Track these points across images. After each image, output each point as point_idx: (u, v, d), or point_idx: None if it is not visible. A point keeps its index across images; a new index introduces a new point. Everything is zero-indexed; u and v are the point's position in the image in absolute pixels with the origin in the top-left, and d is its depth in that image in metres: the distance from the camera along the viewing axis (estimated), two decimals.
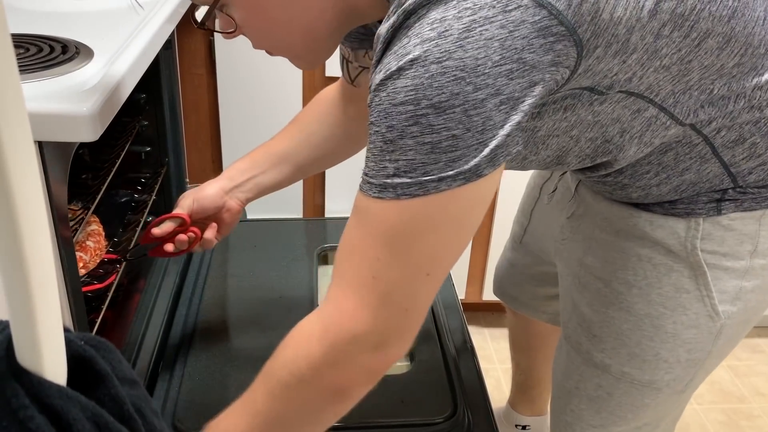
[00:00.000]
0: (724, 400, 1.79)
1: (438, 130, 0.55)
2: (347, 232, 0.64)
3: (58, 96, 0.72)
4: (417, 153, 0.56)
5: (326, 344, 0.63)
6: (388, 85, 0.56)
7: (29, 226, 0.31)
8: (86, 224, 1.12)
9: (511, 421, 1.47)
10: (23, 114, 0.29)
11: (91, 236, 1.10)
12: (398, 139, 0.56)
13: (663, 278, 0.79)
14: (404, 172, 0.57)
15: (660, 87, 0.64)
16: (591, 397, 0.90)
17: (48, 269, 0.32)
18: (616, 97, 0.64)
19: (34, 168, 0.31)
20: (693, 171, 0.73)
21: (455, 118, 0.55)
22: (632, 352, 0.84)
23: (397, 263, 0.61)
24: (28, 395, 0.32)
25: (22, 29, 0.91)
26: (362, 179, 0.62)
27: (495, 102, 0.55)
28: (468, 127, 0.55)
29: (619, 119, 0.67)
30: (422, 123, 0.55)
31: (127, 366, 0.40)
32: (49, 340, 0.33)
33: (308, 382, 0.65)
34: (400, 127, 0.56)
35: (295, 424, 0.68)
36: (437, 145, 0.56)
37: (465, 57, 0.54)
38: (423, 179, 0.57)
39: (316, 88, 1.58)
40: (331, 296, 0.64)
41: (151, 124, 1.29)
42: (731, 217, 0.76)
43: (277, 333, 1.11)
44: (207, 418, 0.95)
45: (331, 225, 1.51)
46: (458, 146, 0.56)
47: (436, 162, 0.56)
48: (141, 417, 0.39)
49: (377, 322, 0.62)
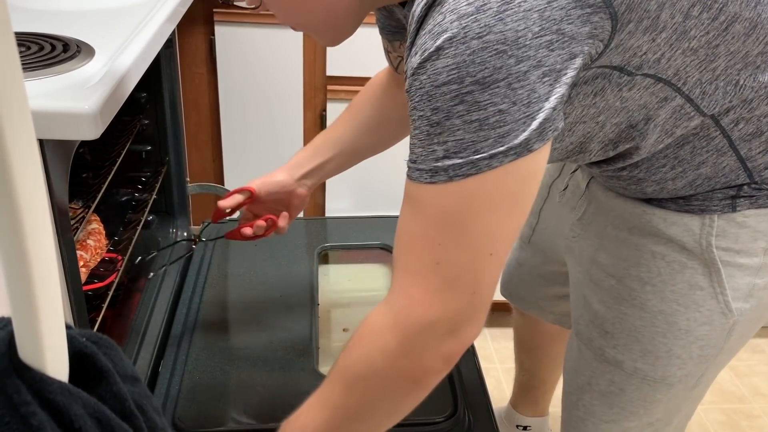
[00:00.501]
0: (724, 400, 1.79)
1: (484, 106, 0.54)
2: (403, 222, 0.64)
3: (59, 94, 0.72)
4: (465, 132, 0.56)
5: (399, 335, 0.63)
6: (428, 67, 0.55)
7: (31, 223, 0.31)
8: (86, 223, 1.12)
9: (512, 422, 1.47)
10: (26, 112, 0.29)
11: (92, 235, 1.10)
12: (445, 120, 0.56)
13: (677, 275, 0.80)
14: (454, 152, 0.57)
15: (687, 74, 0.65)
16: (603, 392, 0.90)
17: (50, 266, 0.32)
18: (644, 83, 0.65)
19: (36, 165, 0.31)
20: (709, 165, 0.74)
21: (500, 92, 0.54)
22: (645, 348, 0.84)
23: (459, 246, 0.60)
24: (30, 391, 0.32)
25: (24, 28, 0.91)
26: (409, 167, 0.61)
27: (538, 74, 0.54)
28: (514, 100, 0.54)
29: (646, 106, 0.68)
30: (468, 101, 0.54)
31: (129, 363, 0.40)
32: (51, 337, 0.33)
33: (385, 374, 0.65)
34: (446, 107, 0.55)
35: (374, 415, 0.68)
36: (485, 122, 0.55)
37: (505, 30, 0.53)
38: (474, 158, 0.56)
39: (316, 87, 1.58)
40: (398, 287, 0.64)
41: (151, 123, 1.29)
42: (746, 214, 0.76)
43: (278, 332, 1.11)
44: (207, 417, 0.95)
45: (332, 224, 1.51)
46: (506, 121, 0.55)
47: (486, 139, 0.56)
48: (142, 414, 0.39)
49: (447, 307, 0.62)
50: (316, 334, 1.13)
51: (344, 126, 1.05)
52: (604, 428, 0.93)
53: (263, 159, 1.64)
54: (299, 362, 1.06)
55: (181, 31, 1.48)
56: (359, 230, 1.45)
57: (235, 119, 1.62)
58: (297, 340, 1.11)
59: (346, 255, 1.41)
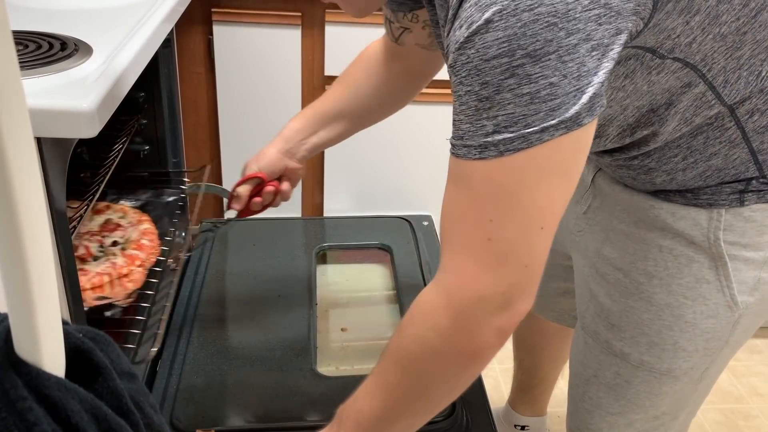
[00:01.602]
0: (722, 401, 1.79)
1: (536, 79, 0.54)
2: (450, 200, 0.64)
3: (56, 92, 0.72)
4: (516, 106, 0.55)
5: (453, 312, 0.63)
6: (476, 41, 0.55)
7: (28, 220, 0.31)
8: (138, 223, 1.16)
9: (510, 421, 1.47)
10: (24, 110, 0.29)
11: (146, 235, 1.13)
12: (495, 94, 0.55)
13: (684, 269, 0.80)
14: (505, 127, 0.56)
15: (714, 60, 0.65)
16: (610, 385, 0.91)
17: (47, 261, 0.32)
18: (672, 66, 0.65)
19: (33, 162, 0.31)
20: (721, 156, 0.74)
21: (551, 65, 0.54)
22: (652, 341, 0.84)
23: (510, 221, 0.60)
24: (26, 387, 0.32)
25: (21, 26, 0.91)
26: (455, 144, 0.61)
27: (587, 47, 0.54)
28: (564, 73, 0.54)
29: (670, 90, 0.68)
30: (519, 74, 0.54)
31: (126, 360, 0.40)
32: (47, 332, 0.33)
33: (441, 352, 0.65)
34: (496, 81, 0.55)
35: (432, 393, 0.68)
36: (536, 95, 0.55)
37: (556, 2, 0.53)
38: (526, 132, 0.56)
39: (315, 87, 1.58)
40: (448, 265, 0.64)
41: (150, 123, 1.29)
42: (753, 209, 0.76)
43: (276, 331, 1.11)
44: (205, 417, 0.95)
45: (330, 224, 1.51)
46: (557, 94, 0.55)
47: (537, 112, 0.55)
48: (139, 411, 0.39)
49: (500, 282, 0.62)
50: (315, 334, 1.13)
51: (336, 97, 1.05)
52: (610, 420, 0.94)
53: None
54: (297, 362, 1.06)
55: (180, 31, 1.48)
56: (357, 230, 1.44)
57: (234, 119, 1.61)
58: (295, 339, 1.11)
59: (345, 255, 1.41)
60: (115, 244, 1.09)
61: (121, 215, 1.18)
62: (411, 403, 0.69)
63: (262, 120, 1.60)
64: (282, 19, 1.48)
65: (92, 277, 1.02)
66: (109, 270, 1.03)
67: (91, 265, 1.03)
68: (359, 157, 1.64)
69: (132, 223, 1.16)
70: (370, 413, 0.70)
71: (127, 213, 1.18)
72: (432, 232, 1.46)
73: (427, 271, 1.29)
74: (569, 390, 1.01)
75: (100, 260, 1.04)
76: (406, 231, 1.45)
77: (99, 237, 1.11)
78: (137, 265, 1.05)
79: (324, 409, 0.97)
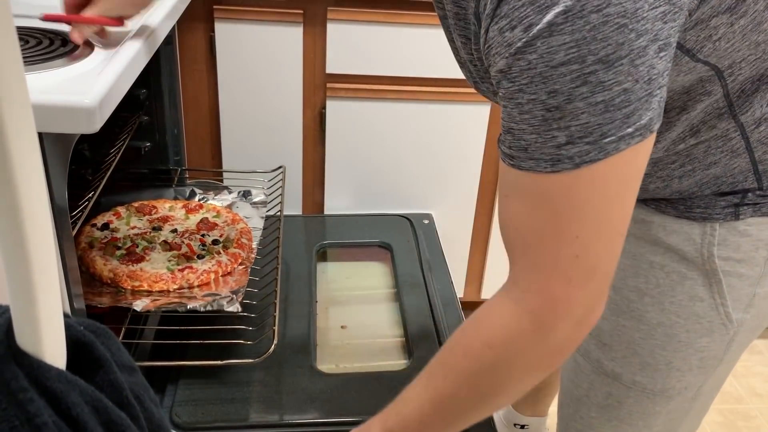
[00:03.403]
0: (722, 401, 1.79)
1: (609, 86, 0.51)
2: (520, 217, 0.60)
3: (58, 88, 0.72)
4: (591, 115, 0.52)
5: (542, 336, 0.61)
6: (539, 45, 0.51)
7: (31, 213, 0.31)
8: (233, 222, 1.19)
9: (510, 420, 1.47)
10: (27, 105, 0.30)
11: (244, 234, 1.16)
12: (566, 104, 0.52)
13: (676, 286, 0.78)
14: (580, 138, 0.53)
15: (740, 69, 0.63)
16: (601, 405, 0.88)
17: (49, 253, 0.32)
18: (699, 69, 0.63)
19: (36, 156, 0.31)
20: (720, 165, 0.72)
21: (624, 70, 0.51)
22: (644, 361, 0.82)
23: (597, 235, 0.58)
24: (27, 378, 0.32)
25: (22, 22, 0.91)
26: (515, 156, 0.57)
27: (655, 48, 0.51)
28: (636, 78, 0.51)
29: (689, 93, 0.66)
30: (592, 81, 0.51)
31: (126, 353, 0.40)
32: (48, 324, 0.33)
33: (522, 370, 0.64)
34: (567, 90, 0.51)
35: (493, 401, 0.67)
36: (611, 103, 0.52)
37: (624, 2, 0.49)
38: (603, 142, 0.53)
39: (316, 85, 1.58)
40: (531, 287, 0.61)
41: (151, 120, 1.29)
42: (748, 222, 0.74)
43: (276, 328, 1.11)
44: (204, 413, 0.95)
45: (330, 222, 1.51)
46: (631, 100, 0.52)
47: (612, 121, 0.52)
48: (140, 404, 0.39)
49: (590, 296, 0.60)
50: (315, 332, 1.13)
51: None
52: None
53: (262, 156, 1.64)
54: (297, 359, 1.06)
55: (181, 28, 1.47)
56: (358, 228, 1.45)
57: (235, 116, 1.61)
58: (295, 337, 1.11)
59: (345, 253, 1.41)
60: (216, 242, 1.13)
61: (215, 215, 1.22)
62: (465, 413, 0.67)
63: (264, 118, 1.60)
64: (284, 16, 1.48)
65: (200, 275, 1.05)
66: (216, 268, 1.07)
67: (198, 263, 1.07)
68: (360, 155, 1.64)
69: (228, 223, 1.19)
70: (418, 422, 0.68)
71: (221, 212, 1.22)
72: (432, 230, 1.46)
73: (427, 269, 1.29)
74: (559, 409, 0.98)
75: (205, 258, 1.08)
76: (406, 229, 1.45)
77: (199, 236, 1.14)
78: (238, 263, 1.10)
79: (324, 406, 0.97)
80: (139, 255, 1.07)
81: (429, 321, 1.16)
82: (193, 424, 0.93)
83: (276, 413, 0.97)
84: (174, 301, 0.99)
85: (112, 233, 1.13)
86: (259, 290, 1.06)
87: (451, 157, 1.64)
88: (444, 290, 1.24)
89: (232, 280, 1.06)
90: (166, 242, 1.11)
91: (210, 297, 1.00)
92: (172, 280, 1.02)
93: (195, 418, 0.94)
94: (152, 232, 1.14)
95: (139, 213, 1.21)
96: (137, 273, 1.02)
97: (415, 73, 1.56)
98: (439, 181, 1.66)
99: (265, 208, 1.28)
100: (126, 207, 1.22)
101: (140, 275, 1.02)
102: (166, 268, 1.04)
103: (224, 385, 1.00)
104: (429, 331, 1.13)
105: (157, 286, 1.02)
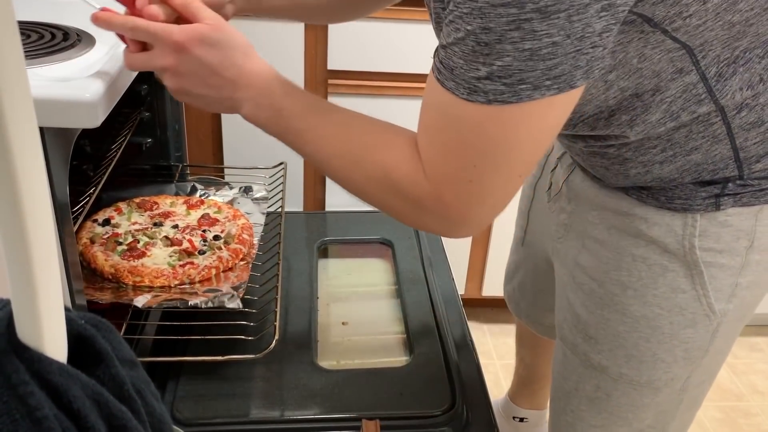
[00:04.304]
0: (722, 398, 1.80)
1: (540, 36, 0.52)
2: (431, 129, 0.63)
3: (59, 82, 0.72)
4: (514, 59, 0.53)
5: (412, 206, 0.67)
6: None
7: (32, 206, 0.31)
8: (234, 218, 1.19)
9: (509, 413, 1.47)
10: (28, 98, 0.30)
11: (245, 229, 1.16)
12: (495, 43, 0.53)
13: (658, 279, 0.78)
14: (498, 77, 0.54)
15: (711, 48, 0.63)
16: (590, 398, 0.89)
17: (50, 247, 0.32)
18: (669, 46, 0.63)
19: (37, 149, 0.31)
20: (701, 151, 0.72)
21: (558, 24, 0.51)
22: (629, 353, 0.83)
23: (494, 171, 0.61)
24: (28, 371, 0.32)
25: (24, 16, 0.91)
26: (441, 71, 0.59)
27: (597, 8, 0.52)
28: (568, 33, 0.52)
29: (659, 74, 0.66)
30: (524, 28, 0.51)
31: (127, 347, 0.40)
32: (49, 317, 0.33)
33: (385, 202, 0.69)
34: (500, 30, 0.52)
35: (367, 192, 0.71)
36: (536, 52, 0.52)
37: None
38: (518, 87, 0.54)
39: (318, 82, 1.58)
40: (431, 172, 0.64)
41: (152, 116, 1.29)
42: (729, 213, 0.74)
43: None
44: (205, 409, 0.95)
45: (331, 219, 1.51)
46: (557, 54, 0.53)
47: (534, 69, 0.53)
48: (141, 398, 0.39)
49: (468, 215, 0.65)
50: (316, 328, 1.13)
51: None
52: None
53: (264, 153, 1.64)
54: (298, 355, 1.06)
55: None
56: (359, 225, 1.45)
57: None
58: (296, 333, 1.11)
59: (346, 249, 1.41)
60: (217, 238, 1.13)
61: (216, 210, 1.22)
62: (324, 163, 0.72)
63: None
64: None
65: (201, 270, 1.05)
66: (217, 263, 1.07)
67: (199, 259, 1.07)
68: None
69: (228, 219, 1.20)
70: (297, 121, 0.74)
71: (222, 208, 1.23)
72: None
73: (428, 266, 1.29)
74: (551, 402, 0.99)
75: (206, 254, 1.08)
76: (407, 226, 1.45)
77: (200, 232, 1.14)
78: (239, 259, 1.10)
79: (324, 403, 0.97)
80: (140, 250, 1.07)
81: (430, 317, 1.16)
82: (194, 419, 0.93)
83: (277, 409, 0.97)
84: (175, 298, 0.99)
85: (113, 229, 1.13)
86: (260, 286, 1.06)
87: None
88: (445, 287, 1.24)
89: (233, 276, 1.06)
90: (167, 238, 1.11)
91: (211, 293, 1.00)
92: (173, 276, 1.03)
93: (196, 414, 0.94)
94: (153, 227, 1.14)
95: (140, 209, 1.21)
96: (138, 268, 1.02)
97: (417, 70, 1.56)
98: None
99: (266, 204, 1.28)
100: (127, 203, 1.22)
101: (141, 271, 1.02)
102: (167, 264, 1.04)
103: (225, 381, 1.00)
104: (430, 328, 1.13)
105: (158, 281, 1.02)
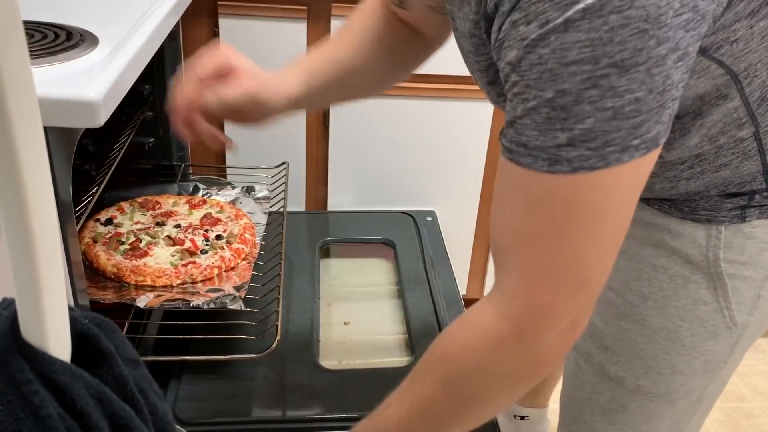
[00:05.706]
0: (724, 399, 1.79)
1: (621, 93, 0.49)
2: (514, 218, 0.58)
3: (63, 82, 0.72)
4: (596, 120, 0.50)
5: (522, 345, 0.59)
6: (552, 40, 0.48)
7: (36, 205, 0.31)
8: (236, 218, 1.20)
9: (510, 411, 1.47)
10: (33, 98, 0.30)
11: (247, 229, 1.17)
12: (573, 105, 0.49)
13: (680, 290, 0.76)
14: (581, 142, 0.51)
15: (756, 72, 0.61)
16: (604, 409, 0.87)
17: (54, 246, 0.32)
18: (714, 72, 0.60)
19: (42, 148, 0.31)
20: (730, 168, 0.69)
21: (639, 78, 0.48)
22: (648, 365, 0.81)
23: (592, 245, 0.55)
24: (32, 370, 0.32)
25: (28, 16, 0.91)
26: (514, 151, 0.55)
27: (674, 58, 0.49)
28: (650, 87, 0.49)
29: (703, 98, 0.63)
30: (603, 85, 0.48)
31: (130, 347, 0.40)
32: (53, 317, 0.33)
33: (503, 379, 0.62)
34: (575, 90, 0.49)
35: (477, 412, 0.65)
36: (620, 111, 0.49)
37: (647, 5, 0.47)
38: (605, 150, 0.51)
39: None
40: (516, 292, 0.58)
41: (155, 116, 1.29)
42: (754, 225, 0.72)
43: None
44: (207, 409, 0.96)
45: (334, 219, 1.51)
46: (641, 111, 0.50)
47: (618, 129, 0.50)
48: (144, 397, 0.39)
49: (576, 307, 0.59)
50: (318, 328, 1.13)
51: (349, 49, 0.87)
52: None
53: (266, 153, 1.64)
54: (300, 355, 1.06)
55: (185, 24, 1.47)
56: (361, 225, 1.45)
57: None
58: (298, 333, 1.11)
59: (348, 249, 1.41)
60: (219, 238, 1.13)
61: (218, 210, 1.22)
62: (444, 420, 0.65)
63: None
64: (288, 12, 1.48)
65: (203, 270, 1.05)
66: (219, 263, 1.07)
67: (201, 258, 1.07)
68: (363, 151, 1.64)
69: (231, 218, 1.20)
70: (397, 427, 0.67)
71: (224, 208, 1.23)
72: (435, 228, 1.46)
73: (429, 266, 1.29)
74: (561, 411, 0.97)
75: (208, 254, 1.09)
76: (409, 226, 1.45)
77: (202, 231, 1.15)
78: (242, 259, 1.11)
79: (326, 402, 0.97)
80: (142, 250, 1.07)
81: (432, 318, 1.16)
82: (197, 419, 0.94)
83: (279, 408, 0.97)
84: (177, 298, 0.99)
85: (116, 228, 1.13)
86: (262, 286, 1.06)
87: (455, 154, 1.64)
88: (447, 287, 1.24)
89: (236, 276, 1.07)
90: (170, 237, 1.11)
91: (213, 292, 1.00)
92: (176, 275, 1.03)
93: (198, 413, 0.95)
94: (156, 227, 1.15)
95: (142, 208, 1.21)
96: (141, 268, 1.02)
97: (419, 70, 1.56)
98: (442, 178, 1.66)
99: (268, 204, 1.28)
100: (130, 202, 1.22)
101: (144, 270, 1.02)
102: (170, 263, 1.05)
103: (227, 381, 1.00)
104: (431, 328, 1.13)
105: (161, 281, 1.02)
